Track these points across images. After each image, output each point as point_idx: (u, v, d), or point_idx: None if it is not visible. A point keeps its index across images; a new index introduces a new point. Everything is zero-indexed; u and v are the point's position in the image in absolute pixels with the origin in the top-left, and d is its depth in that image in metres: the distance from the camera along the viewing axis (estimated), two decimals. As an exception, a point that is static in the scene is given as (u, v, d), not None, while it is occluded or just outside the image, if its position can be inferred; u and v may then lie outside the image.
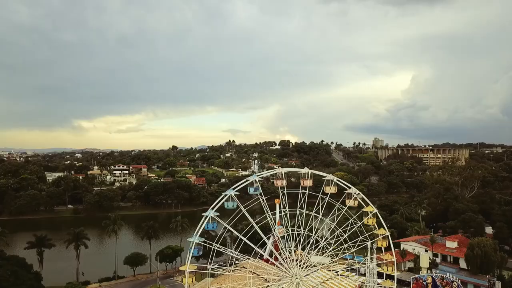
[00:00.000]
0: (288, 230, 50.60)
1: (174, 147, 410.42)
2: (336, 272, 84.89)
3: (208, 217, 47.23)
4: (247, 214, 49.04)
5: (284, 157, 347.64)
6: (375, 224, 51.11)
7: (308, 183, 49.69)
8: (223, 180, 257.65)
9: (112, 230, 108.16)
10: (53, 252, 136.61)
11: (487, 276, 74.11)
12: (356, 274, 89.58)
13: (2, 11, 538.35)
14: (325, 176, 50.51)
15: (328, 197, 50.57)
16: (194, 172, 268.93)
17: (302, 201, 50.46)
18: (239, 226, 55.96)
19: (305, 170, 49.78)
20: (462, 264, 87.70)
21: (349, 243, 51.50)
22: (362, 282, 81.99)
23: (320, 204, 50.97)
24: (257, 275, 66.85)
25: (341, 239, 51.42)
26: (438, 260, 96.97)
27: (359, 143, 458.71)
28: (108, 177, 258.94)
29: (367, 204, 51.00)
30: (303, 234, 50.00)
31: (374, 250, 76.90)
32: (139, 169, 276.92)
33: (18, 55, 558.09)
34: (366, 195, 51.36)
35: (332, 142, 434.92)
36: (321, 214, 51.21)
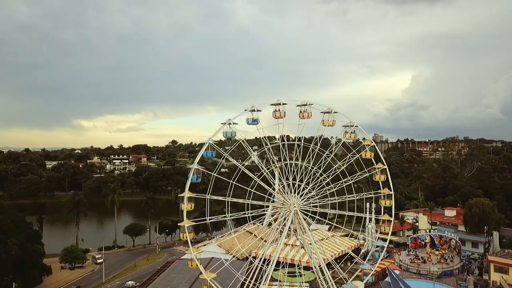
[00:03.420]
0: (287, 162, 50.87)
1: (174, 141, 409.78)
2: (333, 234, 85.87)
3: (207, 144, 47.50)
4: (245, 145, 49.24)
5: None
6: (373, 158, 51.42)
7: (307, 115, 49.88)
8: (223, 170, 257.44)
9: (112, 200, 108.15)
10: (53, 231, 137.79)
11: (485, 228, 74.30)
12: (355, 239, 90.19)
13: (1, 10, 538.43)
14: (323, 109, 50.63)
15: (325, 128, 50.69)
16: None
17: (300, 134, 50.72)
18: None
19: (303, 102, 49.99)
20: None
21: (348, 177, 51.81)
22: (361, 245, 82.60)
23: (318, 137, 51.32)
24: (260, 238, 67.31)
25: (338, 172, 51.69)
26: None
27: (359, 137, 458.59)
28: (107, 166, 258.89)
29: (365, 138, 51.33)
30: (301, 165, 50.27)
31: (373, 211, 77.44)
32: (138, 159, 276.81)
33: (17, 54, 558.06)
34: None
35: (332, 137, 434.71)
36: (318, 146, 51.46)
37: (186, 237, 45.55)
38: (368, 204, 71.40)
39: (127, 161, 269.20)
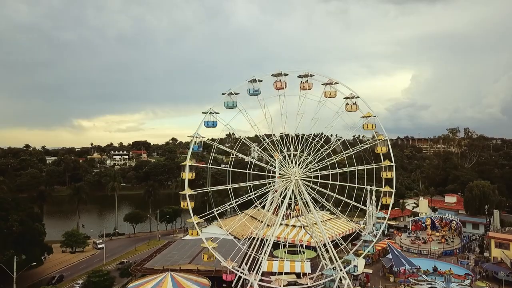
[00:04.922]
0: (287, 133, 50.99)
1: (174, 139, 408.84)
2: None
3: (208, 113, 47.56)
4: (245, 115, 49.32)
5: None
6: (375, 131, 51.51)
7: (308, 86, 49.86)
8: (223, 165, 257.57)
9: (112, 187, 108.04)
10: (53, 222, 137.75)
11: (486, 206, 74.29)
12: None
13: (1, 9, 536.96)
14: (325, 80, 50.53)
15: (327, 99, 50.59)
16: (194, 156, 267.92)
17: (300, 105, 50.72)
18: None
19: (304, 72, 49.95)
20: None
21: (350, 149, 51.93)
22: (361, 228, 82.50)
23: (319, 108, 51.30)
24: (259, 220, 67.32)
25: (339, 143, 51.81)
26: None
27: (359, 135, 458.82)
28: (108, 161, 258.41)
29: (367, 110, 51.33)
30: (301, 137, 50.37)
31: (374, 195, 77.19)
32: (139, 154, 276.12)
33: (17, 54, 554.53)
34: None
35: (331, 135, 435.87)
36: (319, 117, 51.58)
37: (187, 205, 45.67)
38: (368, 186, 71.28)
39: (127, 156, 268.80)
